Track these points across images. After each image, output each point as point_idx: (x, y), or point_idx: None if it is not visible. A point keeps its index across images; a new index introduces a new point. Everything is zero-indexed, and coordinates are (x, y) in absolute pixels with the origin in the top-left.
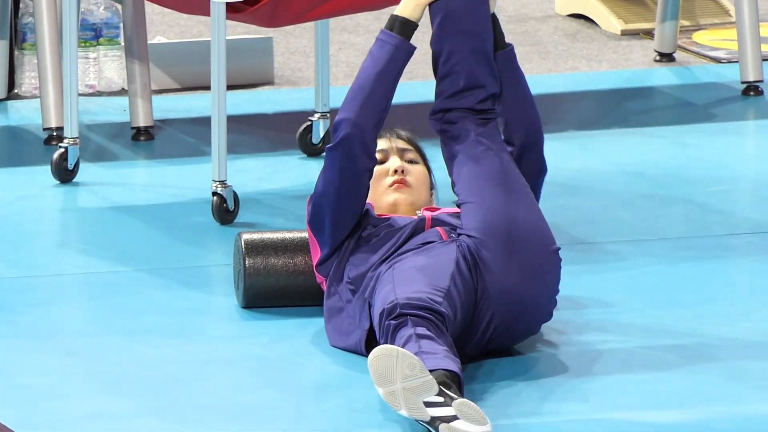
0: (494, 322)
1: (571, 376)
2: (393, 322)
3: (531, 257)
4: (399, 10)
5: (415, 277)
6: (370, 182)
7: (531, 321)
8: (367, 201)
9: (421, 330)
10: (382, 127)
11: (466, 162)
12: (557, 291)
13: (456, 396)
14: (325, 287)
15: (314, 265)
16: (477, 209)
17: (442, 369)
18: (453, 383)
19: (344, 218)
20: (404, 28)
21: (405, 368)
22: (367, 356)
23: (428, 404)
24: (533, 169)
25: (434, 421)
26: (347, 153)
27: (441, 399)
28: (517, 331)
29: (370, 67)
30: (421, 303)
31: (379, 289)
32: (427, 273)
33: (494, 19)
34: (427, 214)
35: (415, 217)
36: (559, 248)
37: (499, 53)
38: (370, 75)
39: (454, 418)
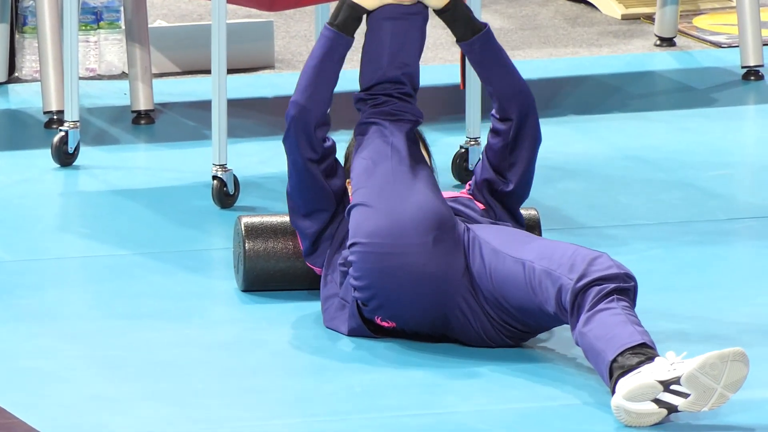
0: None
1: (569, 361)
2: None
3: None
4: None
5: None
6: None
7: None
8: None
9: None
10: (329, 125)
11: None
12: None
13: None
14: (321, 273)
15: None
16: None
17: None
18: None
19: (314, 210)
20: (347, 22)
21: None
22: (344, 333)
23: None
24: (531, 139)
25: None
26: (293, 144)
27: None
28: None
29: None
30: None
31: None
32: None
33: (458, 4)
34: None
35: None
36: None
37: (476, 38)
38: (309, 65)
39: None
